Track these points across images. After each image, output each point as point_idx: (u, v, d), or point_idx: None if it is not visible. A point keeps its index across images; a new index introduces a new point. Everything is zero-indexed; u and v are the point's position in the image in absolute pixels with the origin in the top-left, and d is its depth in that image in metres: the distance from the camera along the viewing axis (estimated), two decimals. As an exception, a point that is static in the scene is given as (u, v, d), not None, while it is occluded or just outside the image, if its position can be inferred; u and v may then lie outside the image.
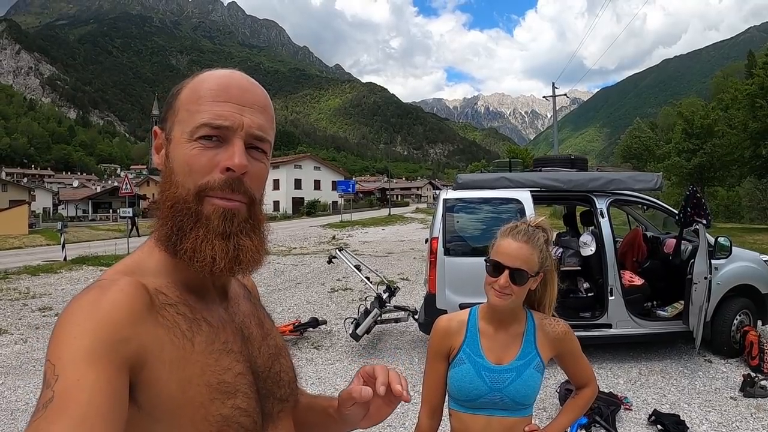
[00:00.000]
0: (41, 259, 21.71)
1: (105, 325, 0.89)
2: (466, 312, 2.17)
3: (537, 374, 2.01)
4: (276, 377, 1.19)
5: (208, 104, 1.05)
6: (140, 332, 0.93)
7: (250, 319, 1.22)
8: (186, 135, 1.05)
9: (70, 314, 0.91)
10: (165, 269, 1.07)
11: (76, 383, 0.81)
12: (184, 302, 1.05)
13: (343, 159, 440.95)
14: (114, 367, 0.86)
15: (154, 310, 0.98)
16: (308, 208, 75.25)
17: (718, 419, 5.44)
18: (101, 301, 0.92)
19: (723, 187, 44.54)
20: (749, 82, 36.75)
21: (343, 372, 7.18)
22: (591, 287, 7.86)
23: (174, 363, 0.97)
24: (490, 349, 2.04)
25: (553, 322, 2.11)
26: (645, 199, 8.13)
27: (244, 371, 1.08)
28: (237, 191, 1.05)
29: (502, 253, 1.97)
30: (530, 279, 1.96)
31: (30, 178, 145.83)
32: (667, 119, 69.15)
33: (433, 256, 7.30)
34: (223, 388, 1.02)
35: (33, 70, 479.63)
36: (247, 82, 1.11)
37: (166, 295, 1.03)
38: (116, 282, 0.97)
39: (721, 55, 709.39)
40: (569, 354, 2.15)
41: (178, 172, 1.05)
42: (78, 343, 0.86)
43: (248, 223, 1.09)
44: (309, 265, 17.97)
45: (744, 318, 7.39)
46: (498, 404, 1.98)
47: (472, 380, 1.98)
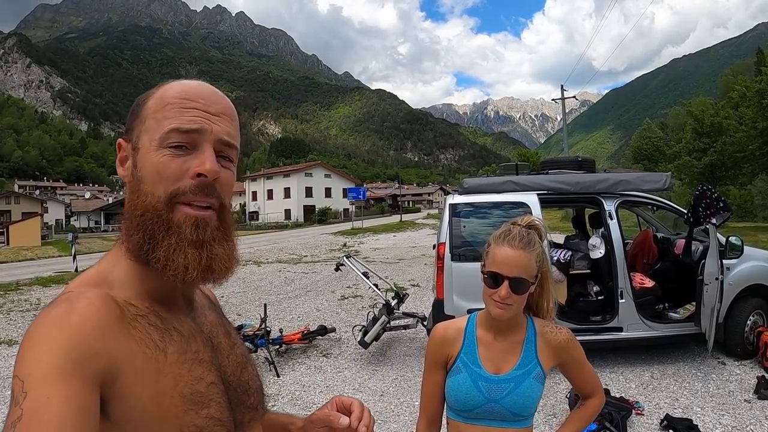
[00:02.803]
0: (53, 270, 21.91)
1: (74, 340, 0.87)
2: (464, 319, 2.10)
3: (537, 384, 1.92)
4: (245, 386, 1.19)
5: (176, 111, 1.04)
6: (111, 346, 0.91)
7: (218, 329, 1.21)
8: (155, 143, 1.03)
9: (38, 329, 0.89)
10: (132, 280, 1.05)
11: (45, 401, 0.80)
12: (154, 313, 1.03)
13: (354, 166, 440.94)
14: (84, 383, 0.84)
15: (125, 322, 0.96)
16: (319, 215, 75.48)
17: (732, 423, 5.35)
18: (70, 315, 0.90)
19: (735, 185, 44.18)
20: (758, 80, 36.53)
21: (352, 380, 7.14)
22: (601, 290, 7.78)
23: (147, 375, 0.95)
24: (488, 358, 1.96)
25: (555, 330, 2.02)
26: (654, 200, 8.05)
27: (215, 380, 1.07)
28: (209, 195, 1.05)
29: (500, 262, 1.87)
30: (531, 286, 1.89)
31: (42, 190, 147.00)
32: (677, 119, 68.75)
33: (440, 262, 7.25)
34: (197, 398, 1.01)
35: (44, 84, 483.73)
36: (214, 91, 1.11)
37: (136, 306, 1.01)
38: (84, 295, 0.95)
39: (729, 53, 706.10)
40: (573, 362, 2.07)
41: (148, 180, 1.03)
42: (47, 359, 0.84)
43: (219, 230, 1.09)
44: (319, 273, 17.97)
45: (757, 318, 7.28)
46: (495, 415, 1.90)
47: (469, 390, 1.91)
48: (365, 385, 6.91)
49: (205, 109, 1.06)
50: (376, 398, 6.45)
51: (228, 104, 1.12)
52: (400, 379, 7.07)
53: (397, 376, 7.18)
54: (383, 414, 5.96)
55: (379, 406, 6.20)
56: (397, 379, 7.10)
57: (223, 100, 1.12)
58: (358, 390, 6.75)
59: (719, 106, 46.16)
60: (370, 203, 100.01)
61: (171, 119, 1.04)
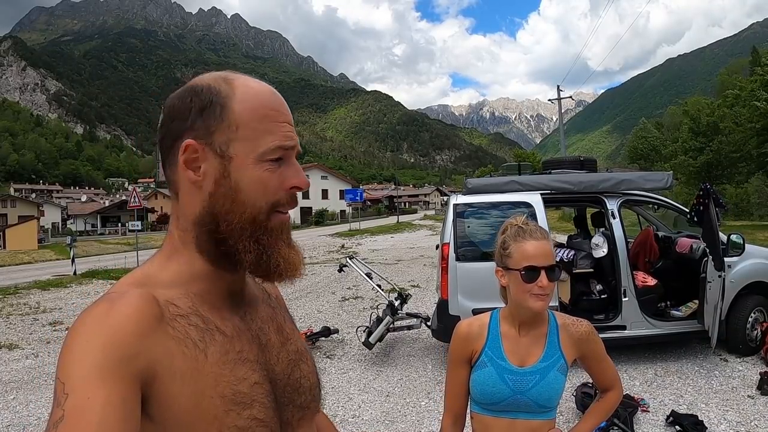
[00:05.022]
0: (51, 273, 21.86)
1: (114, 340, 0.88)
2: (486, 315, 2.14)
3: (561, 376, 1.97)
4: (296, 384, 1.17)
5: (274, 125, 1.06)
6: (150, 346, 0.92)
7: (269, 325, 1.20)
8: (255, 156, 1.05)
9: (78, 330, 0.90)
10: (179, 280, 1.06)
11: (86, 401, 0.81)
12: (196, 313, 1.03)
13: (350, 168, 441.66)
14: (124, 383, 0.86)
15: (164, 322, 0.97)
16: (317, 217, 75.44)
17: (737, 418, 5.39)
18: (109, 315, 0.92)
19: (731, 184, 44.30)
20: (752, 80, 36.69)
21: (357, 381, 7.16)
22: (604, 289, 7.82)
23: (186, 375, 0.96)
24: (512, 351, 2.01)
25: (576, 322, 2.08)
26: (656, 199, 8.10)
27: (260, 380, 1.07)
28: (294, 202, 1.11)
29: (532, 256, 1.93)
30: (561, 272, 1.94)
31: (38, 193, 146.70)
32: (673, 118, 68.91)
33: (444, 262, 7.27)
34: (239, 399, 1.01)
35: (39, 87, 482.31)
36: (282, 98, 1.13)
37: (177, 306, 1.02)
38: (125, 295, 0.97)
39: (725, 52, 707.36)
40: (593, 355, 2.11)
41: (249, 192, 1.05)
42: (87, 360, 0.85)
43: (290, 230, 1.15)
44: (319, 275, 17.95)
45: (759, 315, 7.33)
46: (521, 407, 1.94)
47: (495, 383, 1.96)
48: (370, 386, 6.93)
49: (290, 121, 1.10)
50: (382, 399, 6.47)
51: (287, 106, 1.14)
52: (406, 380, 7.08)
53: (402, 377, 7.20)
54: (390, 414, 5.98)
55: (386, 406, 6.22)
56: (402, 379, 7.12)
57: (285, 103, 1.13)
58: (364, 391, 6.77)
59: (715, 106, 46.28)
60: (367, 205, 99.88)
61: (271, 135, 1.06)
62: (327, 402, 6.40)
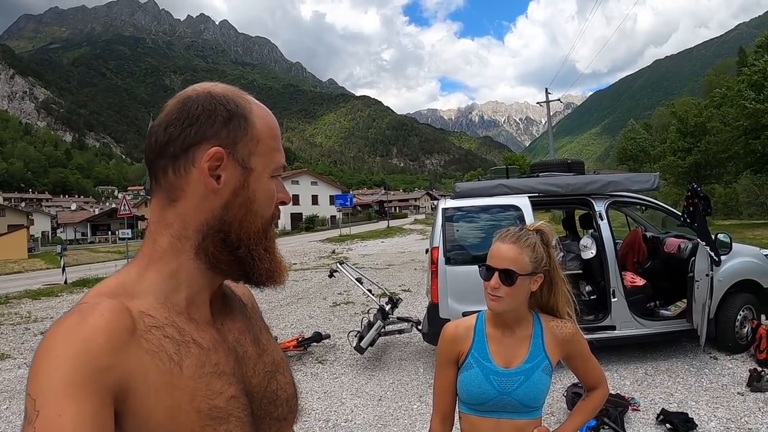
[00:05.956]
0: (42, 282, 21.74)
1: (85, 354, 0.86)
2: (473, 317, 2.18)
3: (545, 377, 2.01)
4: (272, 396, 1.17)
5: (277, 143, 1.15)
6: (122, 359, 0.91)
7: (245, 336, 1.19)
8: (269, 171, 1.12)
9: (48, 345, 0.88)
10: (158, 290, 1.04)
11: (57, 419, 0.79)
12: (172, 324, 1.01)
13: (340, 173, 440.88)
14: (97, 399, 0.84)
15: (137, 335, 0.95)
16: (307, 223, 75.30)
17: (727, 415, 5.44)
18: (80, 329, 0.89)
19: (720, 184, 44.58)
20: (739, 79, 36.93)
21: (349, 385, 7.16)
22: (593, 290, 7.85)
23: (160, 389, 0.94)
24: (498, 352, 2.04)
25: (560, 324, 2.10)
26: (643, 200, 8.15)
27: (237, 394, 1.06)
28: (279, 217, 1.20)
29: (492, 256, 2.02)
30: (520, 278, 1.96)
31: (28, 202, 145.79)
32: (662, 119, 69.31)
33: (434, 266, 7.29)
34: (215, 413, 0.99)
35: (28, 95, 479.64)
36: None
37: (153, 316, 1.00)
38: (96, 306, 0.94)
39: (712, 53, 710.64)
40: (578, 355, 2.15)
41: (261, 203, 1.11)
42: (57, 376, 0.83)
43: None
44: (310, 280, 17.94)
45: (747, 313, 7.38)
46: (507, 407, 1.98)
47: (481, 384, 1.99)
48: (362, 390, 6.93)
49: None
50: (374, 403, 6.47)
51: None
52: (397, 384, 7.09)
53: (394, 381, 7.21)
54: (382, 418, 5.99)
55: (378, 410, 6.23)
56: (394, 383, 7.12)
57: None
58: (356, 395, 6.77)
59: (702, 106, 46.56)
60: (358, 210, 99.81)
61: (278, 153, 1.15)
62: (319, 407, 6.43)
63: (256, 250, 1.10)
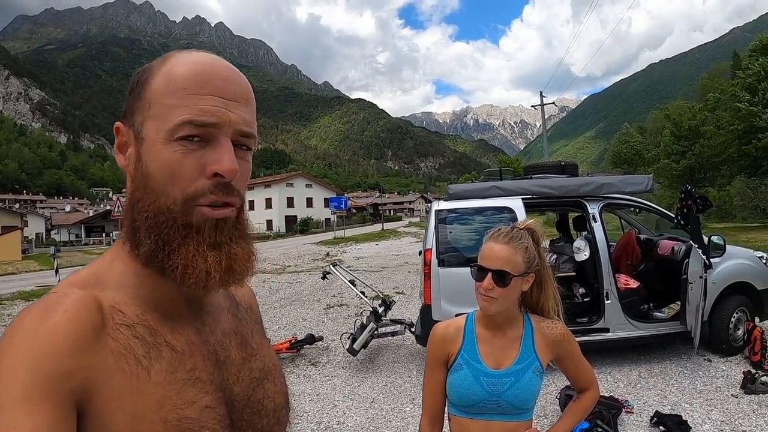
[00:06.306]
0: (35, 284, 21.68)
1: (45, 357, 0.79)
2: (462, 318, 2.16)
3: (536, 378, 1.98)
4: (257, 406, 1.06)
5: (189, 98, 0.91)
6: (86, 361, 0.82)
7: (230, 339, 1.08)
8: (164, 134, 0.91)
9: (6, 344, 0.80)
10: (127, 282, 0.95)
11: (12, 430, 0.72)
12: (143, 323, 0.93)
13: (335, 176, 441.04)
14: (56, 409, 0.77)
15: (105, 333, 0.87)
16: (301, 225, 75.17)
17: (721, 417, 5.42)
18: (42, 326, 0.81)
19: (714, 187, 44.72)
20: (733, 83, 37.07)
21: (342, 388, 7.13)
22: (587, 292, 7.84)
23: (124, 395, 0.85)
24: (488, 354, 2.01)
25: (551, 325, 2.08)
26: (637, 202, 8.14)
27: (213, 403, 0.96)
28: (229, 193, 0.94)
29: (485, 256, 1.98)
30: (514, 279, 1.94)
31: (22, 203, 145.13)
32: (656, 123, 69.56)
33: (427, 268, 7.26)
34: (185, 425, 0.89)
35: (23, 96, 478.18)
36: (231, 70, 0.98)
37: (124, 313, 0.91)
38: (63, 299, 0.86)
39: (706, 56, 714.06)
40: (569, 356, 2.12)
41: (158, 178, 0.92)
42: (13, 384, 0.76)
43: (237, 228, 0.99)
44: (304, 283, 17.92)
45: (742, 315, 7.37)
46: (497, 409, 1.95)
47: (471, 386, 1.96)
48: (355, 393, 6.90)
49: (222, 94, 0.93)
50: (367, 405, 6.44)
51: (245, 84, 0.99)
52: (390, 386, 7.07)
53: (386, 383, 7.18)
54: (375, 421, 5.95)
55: (370, 412, 6.20)
56: (387, 385, 7.10)
57: (239, 79, 0.98)
58: (348, 397, 6.74)
59: (696, 109, 46.71)
60: (352, 213, 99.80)
61: (183, 108, 0.90)
62: (312, 409, 6.39)
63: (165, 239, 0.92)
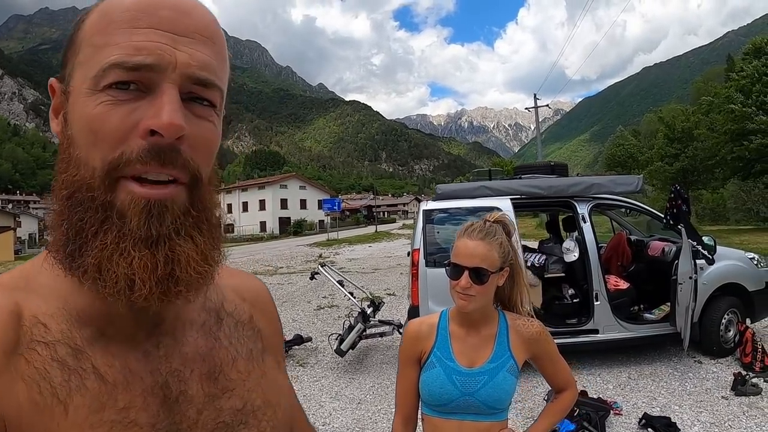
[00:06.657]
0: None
1: None
2: (436, 315, 2.11)
3: (511, 377, 1.93)
4: None
5: (122, 33, 0.68)
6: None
7: (192, 367, 0.80)
8: (89, 83, 0.68)
9: None
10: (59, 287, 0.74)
11: None
12: (68, 341, 0.70)
13: (329, 177, 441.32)
14: None
15: (18, 353, 0.67)
16: (295, 227, 75.16)
17: (710, 419, 5.37)
18: None
19: (707, 190, 44.90)
20: (727, 86, 37.21)
21: (329, 388, 7.06)
22: (576, 293, 7.79)
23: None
24: (461, 352, 1.96)
25: (527, 323, 2.03)
26: (627, 203, 8.09)
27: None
28: (170, 163, 0.68)
29: (460, 254, 1.93)
30: (492, 276, 1.89)
31: (15, 204, 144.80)
32: (650, 126, 69.65)
33: (414, 269, 7.21)
34: None
35: (17, 96, 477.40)
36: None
37: (46, 327, 0.70)
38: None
39: (700, 60, 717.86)
40: (545, 355, 2.07)
41: (80, 142, 0.69)
42: None
43: (189, 216, 0.72)
44: (295, 284, 17.84)
45: (732, 317, 7.33)
46: (470, 408, 1.89)
47: (443, 384, 1.91)
48: (342, 394, 6.84)
49: (168, 28, 0.69)
50: (354, 406, 6.38)
51: (205, 17, 0.74)
52: (378, 387, 7.01)
53: (374, 384, 7.12)
54: (361, 422, 5.91)
55: (357, 414, 6.14)
56: (374, 386, 7.04)
57: (196, 10, 0.73)
58: (335, 398, 6.68)
59: (690, 112, 46.86)
60: (346, 214, 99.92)
61: (112, 47, 0.67)
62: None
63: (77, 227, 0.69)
